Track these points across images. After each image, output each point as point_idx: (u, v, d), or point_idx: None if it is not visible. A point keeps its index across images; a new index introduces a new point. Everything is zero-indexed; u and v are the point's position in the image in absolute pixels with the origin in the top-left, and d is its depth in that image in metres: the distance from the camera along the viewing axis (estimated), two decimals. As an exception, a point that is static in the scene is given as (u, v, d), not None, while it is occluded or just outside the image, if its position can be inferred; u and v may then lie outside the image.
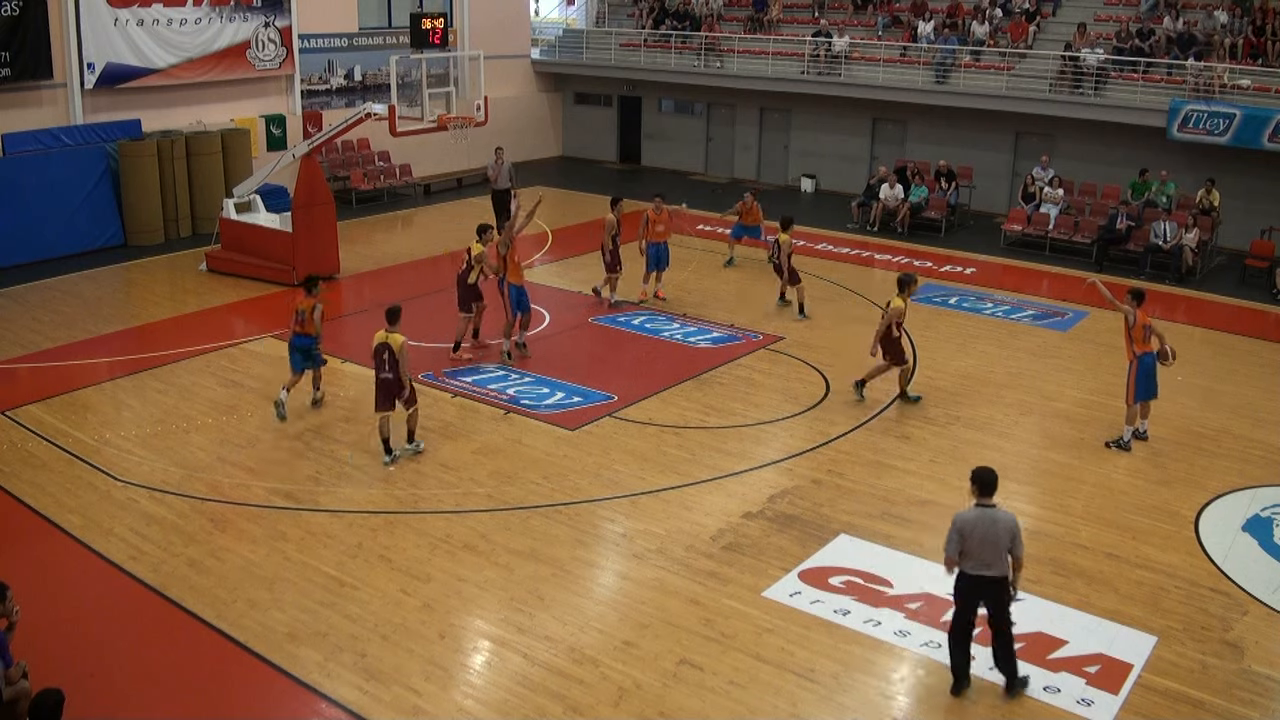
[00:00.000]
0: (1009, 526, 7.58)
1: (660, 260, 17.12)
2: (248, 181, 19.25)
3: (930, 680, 8.13)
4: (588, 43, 29.96)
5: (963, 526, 7.59)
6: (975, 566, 7.61)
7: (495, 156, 21.10)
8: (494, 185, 21.23)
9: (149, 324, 16.01)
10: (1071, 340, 15.98)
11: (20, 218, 18.54)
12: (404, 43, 21.91)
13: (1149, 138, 21.35)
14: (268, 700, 7.88)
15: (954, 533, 7.61)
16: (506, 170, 21.07)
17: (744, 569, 9.53)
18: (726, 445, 12.08)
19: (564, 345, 15.25)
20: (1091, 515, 10.63)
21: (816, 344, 15.36)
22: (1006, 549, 7.60)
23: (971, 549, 7.58)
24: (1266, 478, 11.56)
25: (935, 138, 24.58)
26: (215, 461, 11.45)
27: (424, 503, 10.62)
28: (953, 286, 18.56)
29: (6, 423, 12.31)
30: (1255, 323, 17.26)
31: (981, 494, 7.67)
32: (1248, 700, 7.94)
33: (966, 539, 7.57)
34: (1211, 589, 9.39)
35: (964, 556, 7.62)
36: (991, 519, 7.58)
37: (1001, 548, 7.58)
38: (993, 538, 7.55)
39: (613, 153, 30.74)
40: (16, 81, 19.17)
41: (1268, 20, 21.19)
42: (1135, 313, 11.83)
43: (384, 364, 11.22)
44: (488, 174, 21.70)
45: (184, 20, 21.37)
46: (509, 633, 8.57)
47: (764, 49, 26.49)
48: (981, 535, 7.55)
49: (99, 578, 9.27)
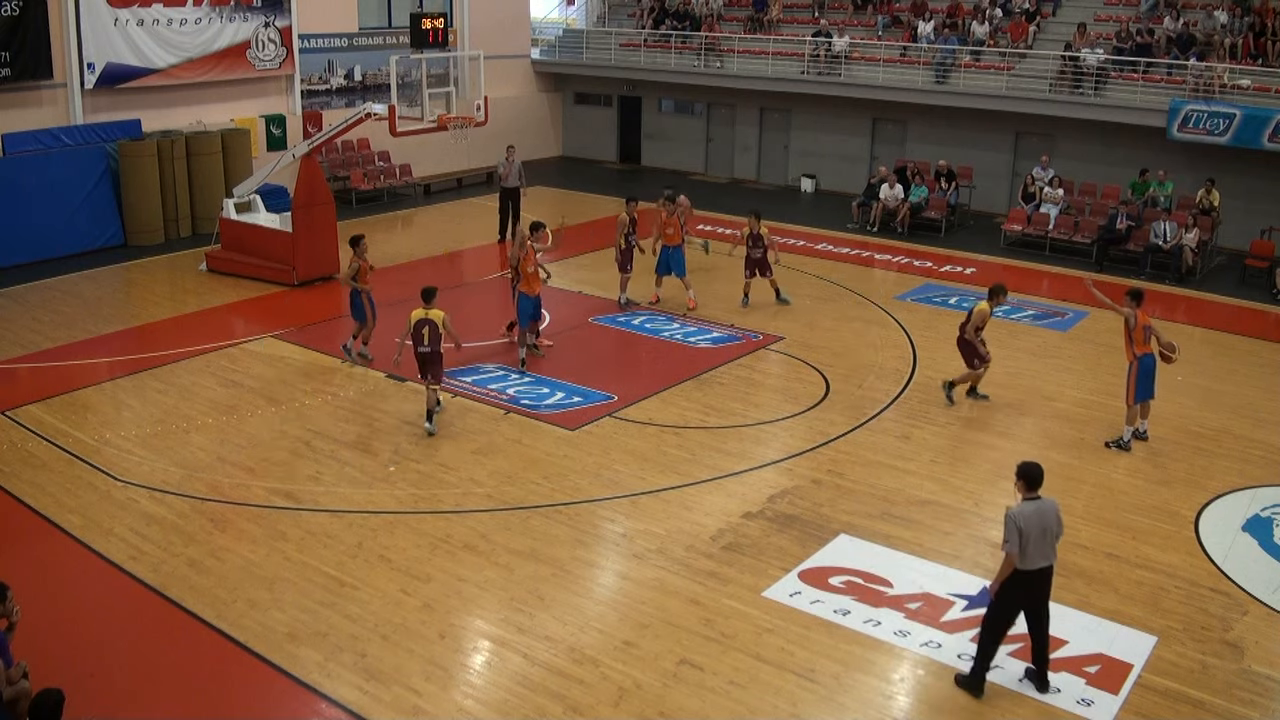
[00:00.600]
0: (1057, 513, 7.69)
1: (671, 264, 16.77)
2: (248, 181, 19.26)
3: (930, 680, 8.13)
4: (588, 43, 29.96)
5: (1024, 524, 7.48)
6: (1035, 560, 7.58)
7: (506, 155, 21.02)
8: (504, 183, 21.19)
9: (149, 324, 16.01)
10: (1071, 340, 15.98)
11: (20, 218, 18.54)
12: (404, 43, 21.92)
13: (1149, 138, 21.35)
14: (268, 700, 7.88)
15: (1013, 530, 7.50)
16: (517, 169, 20.99)
17: (744, 569, 9.53)
18: (726, 445, 12.08)
19: (564, 345, 15.25)
20: (1091, 515, 10.63)
21: (816, 344, 15.36)
22: (1057, 537, 7.68)
23: (1032, 545, 7.52)
24: (1266, 478, 11.56)
25: (935, 138, 24.58)
26: (215, 461, 11.45)
27: (424, 503, 10.62)
28: (953, 286, 18.56)
29: (6, 423, 12.31)
30: (1255, 323, 17.26)
31: (1029, 489, 7.66)
32: (1248, 700, 7.94)
33: (1026, 536, 7.49)
34: (1211, 589, 9.39)
35: (1023, 555, 7.52)
36: (1042, 510, 7.60)
37: (1053, 536, 7.64)
38: (1046, 528, 7.60)
39: (613, 153, 30.74)
40: (16, 81, 19.18)
41: (1268, 20, 21.19)
42: (1135, 314, 11.83)
43: (422, 338, 12.02)
44: (498, 171, 21.60)
45: (184, 20, 21.38)
46: (509, 633, 8.57)
47: (764, 49, 26.49)
48: (1039, 528, 7.55)
49: (99, 578, 9.28)
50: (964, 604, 9.04)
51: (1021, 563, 7.56)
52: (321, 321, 16.12)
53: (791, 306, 16.90)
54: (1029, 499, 7.65)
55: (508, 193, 21.04)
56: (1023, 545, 7.51)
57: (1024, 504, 7.63)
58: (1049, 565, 7.70)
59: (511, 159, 20.88)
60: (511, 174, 20.94)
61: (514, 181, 20.95)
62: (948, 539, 10.14)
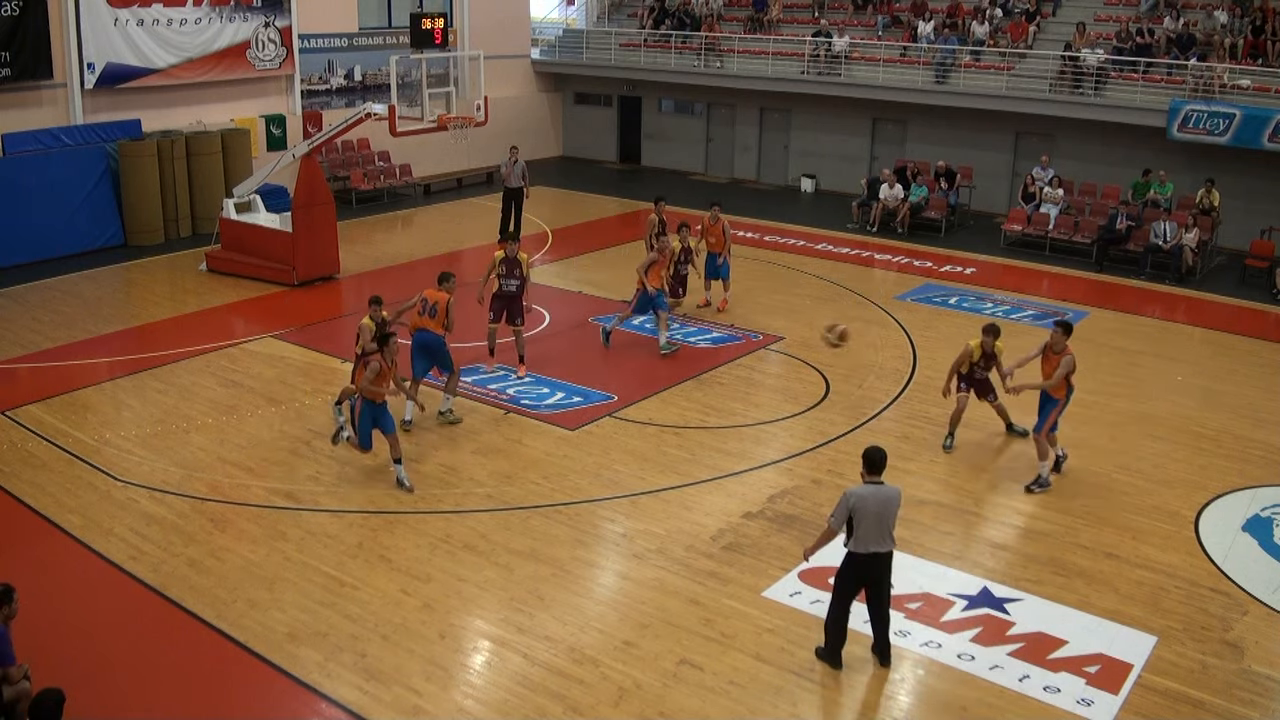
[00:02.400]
0: (897, 500, 7.86)
1: (715, 270, 16.56)
2: (248, 181, 19.25)
3: (930, 680, 8.13)
4: (588, 43, 29.96)
5: (857, 503, 7.70)
6: (868, 545, 7.78)
7: (510, 155, 20.94)
8: (506, 183, 21.13)
9: (149, 324, 16.01)
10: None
11: (20, 218, 18.53)
12: (404, 43, 21.93)
13: (1149, 138, 21.35)
14: (268, 700, 7.88)
15: (843, 508, 7.76)
16: (520, 169, 20.90)
17: (744, 569, 9.53)
18: (726, 445, 12.08)
19: (564, 345, 15.25)
20: (1091, 515, 10.63)
21: (816, 344, 15.29)
22: (893, 524, 7.84)
23: (867, 528, 7.73)
24: (1266, 478, 11.56)
25: (935, 138, 24.58)
26: (215, 461, 11.45)
27: (424, 503, 10.62)
28: (953, 286, 18.56)
29: (6, 423, 12.31)
30: (1255, 323, 17.25)
31: (870, 472, 7.84)
32: (1248, 700, 7.94)
33: (860, 517, 7.71)
34: (1211, 589, 9.39)
35: (855, 537, 7.78)
36: (883, 495, 7.78)
37: (890, 523, 7.81)
38: (884, 514, 7.76)
39: (613, 153, 30.74)
40: (16, 81, 19.17)
41: (1268, 20, 21.19)
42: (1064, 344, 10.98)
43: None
44: (501, 170, 21.52)
45: (184, 20, 21.37)
46: (509, 633, 8.57)
47: (764, 49, 26.49)
48: (875, 512, 7.72)
49: (99, 578, 9.27)
50: (964, 604, 9.05)
51: (855, 545, 7.81)
52: (321, 321, 16.12)
53: (792, 306, 16.89)
54: (870, 482, 7.83)
55: (511, 193, 21.01)
56: (856, 527, 7.72)
57: (863, 486, 7.82)
58: (886, 551, 7.86)
59: (515, 159, 20.83)
60: (514, 174, 20.89)
61: (516, 182, 20.90)
62: (948, 539, 10.14)
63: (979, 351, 11.78)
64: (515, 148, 21.14)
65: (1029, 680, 8.07)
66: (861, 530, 7.73)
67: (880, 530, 7.76)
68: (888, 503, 7.78)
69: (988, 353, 11.75)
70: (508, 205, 21.08)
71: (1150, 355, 15.35)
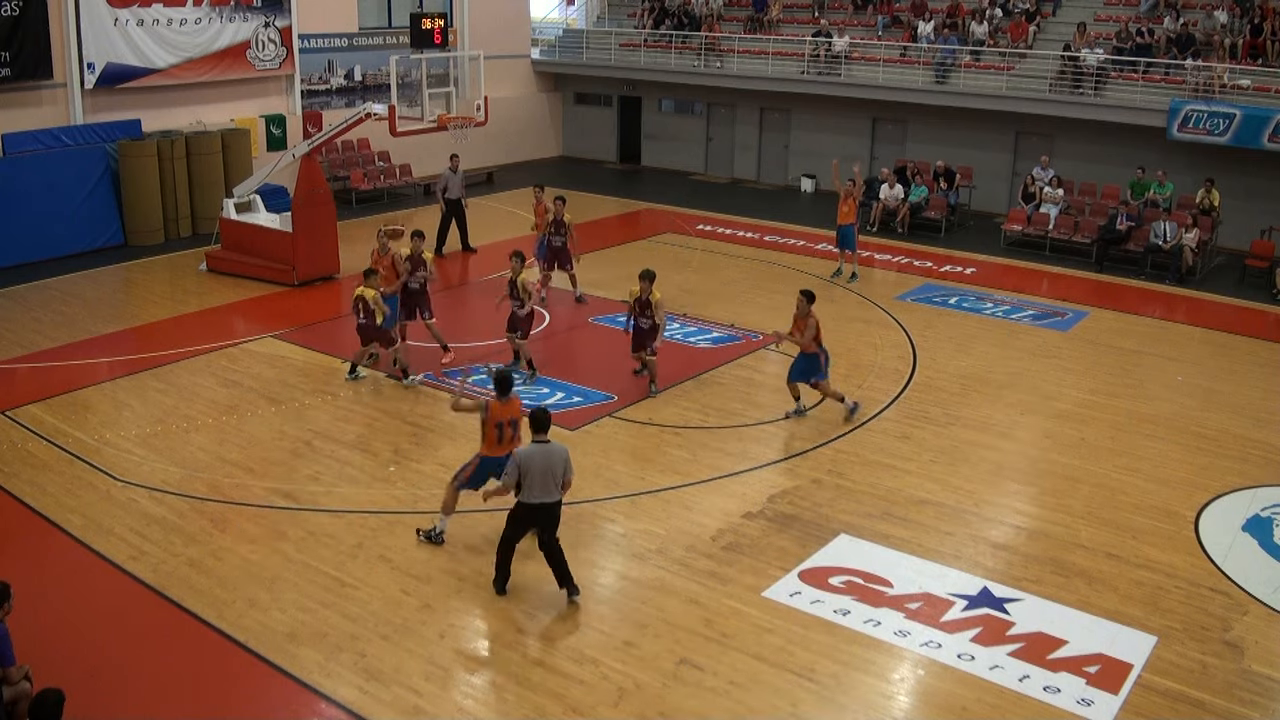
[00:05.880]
0: (563, 457, 8.69)
1: (847, 240, 18.56)
2: (248, 181, 19.25)
3: (930, 680, 8.13)
4: (588, 43, 29.96)
5: (524, 461, 8.53)
6: (535, 496, 8.62)
7: (451, 163, 19.67)
8: (446, 195, 19.68)
9: (149, 324, 16.00)
10: (1071, 340, 15.98)
11: (20, 218, 18.53)
12: (404, 43, 21.90)
13: (1149, 138, 21.35)
14: (268, 700, 7.88)
15: (513, 466, 8.57)
16: (461, 179, 19.79)
17: (744, 569, 9.53)
18: (726, 445, 12.08)
19: (564, 345, 15.24)
20: (1091, 515, 10.63)
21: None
22: (560, 478, 8.68)
23: (533, 481, 8.56)
24: (1266, 478, 11.56)
25: (935, 138, 24.57)
26: (215, 461, 11.45)
27: (424, 503, 10.62)
28: (953, 286, 18.56)
29: (6, 423, 12.31)
30: (1255, 323, 17.25)
31: (537, 431, 8.63)
32: (1248, 700, 7.94)
33: (526, 472, 8.52)
34: (1211, 589, 9.39)
35: (524, 489, 8.60)
36: (547, 452, 8.59)
37: (557, 477, 8.65)
38: (550, 469, 8.59)
39: (613, 153, 30.73)
40: (16, 81, 19.17)
41: (1267, 20, 21.19)
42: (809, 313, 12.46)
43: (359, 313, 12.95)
44: (441, 181, 19.89)
45: (184, 20, 21.37)
46: (509, 633, 8.57)
47: (764, 49, 26.48)
48: (541, 468, 8.53)
49: (99, 578, 9.27)
50: (964, 604, 9.05)
51: (525, 495, 8.64)
52: (321, 321, 16.12)
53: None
54: (537, 441, 8.63)
55: (451, 205, 19.82)
56: (526, 481, 8.57)
57: (531, 445, 8.63)
58: (553, 501, 8.75)
59: (455, 168, 19.76)
60: (454, 185, 19.73)
61: (455, 193, 19.82)
62: (948, 539, 10.14)
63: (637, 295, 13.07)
64: (456, 156, 19.66)
65: (1029, 680, 8.07)
66: (529, 482, 8.56)
67: (545, 483, 8.62)
68: (552, 458, 8.59)
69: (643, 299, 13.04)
70: (447, 218, 19.88)
71: (1150, 355, 15.35)
